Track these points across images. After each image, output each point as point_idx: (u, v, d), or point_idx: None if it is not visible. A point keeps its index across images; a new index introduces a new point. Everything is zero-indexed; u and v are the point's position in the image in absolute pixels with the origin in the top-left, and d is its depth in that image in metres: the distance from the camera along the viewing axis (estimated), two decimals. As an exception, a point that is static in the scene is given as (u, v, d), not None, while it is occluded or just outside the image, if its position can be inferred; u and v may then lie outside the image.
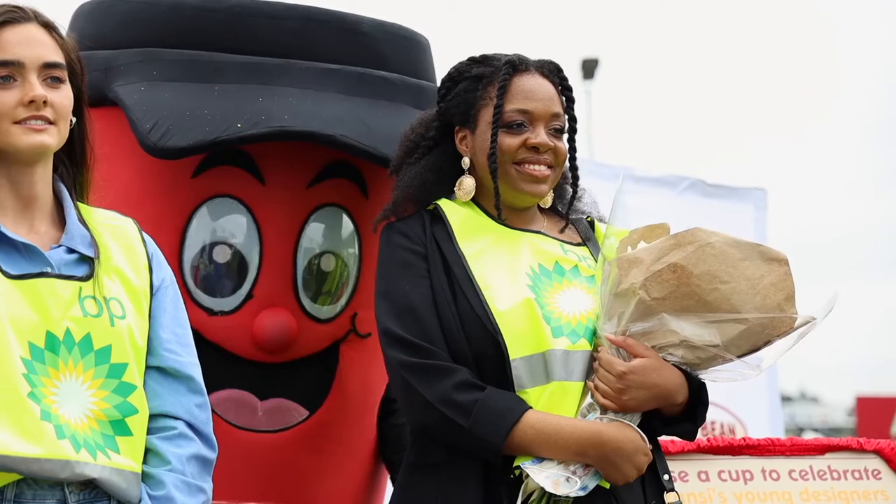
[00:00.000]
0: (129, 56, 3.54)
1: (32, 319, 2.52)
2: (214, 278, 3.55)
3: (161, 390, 2.66)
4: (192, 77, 3.50)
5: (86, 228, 2.67)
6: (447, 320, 2.94)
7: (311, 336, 3.58)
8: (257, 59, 3.54)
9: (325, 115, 3.44)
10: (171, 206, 3.51)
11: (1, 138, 2.58)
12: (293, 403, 3.57)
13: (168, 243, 3.43)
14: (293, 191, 3.56)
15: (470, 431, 2.85)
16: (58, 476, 2.48)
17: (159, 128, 3.35)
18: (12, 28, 2.60)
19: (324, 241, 3.62)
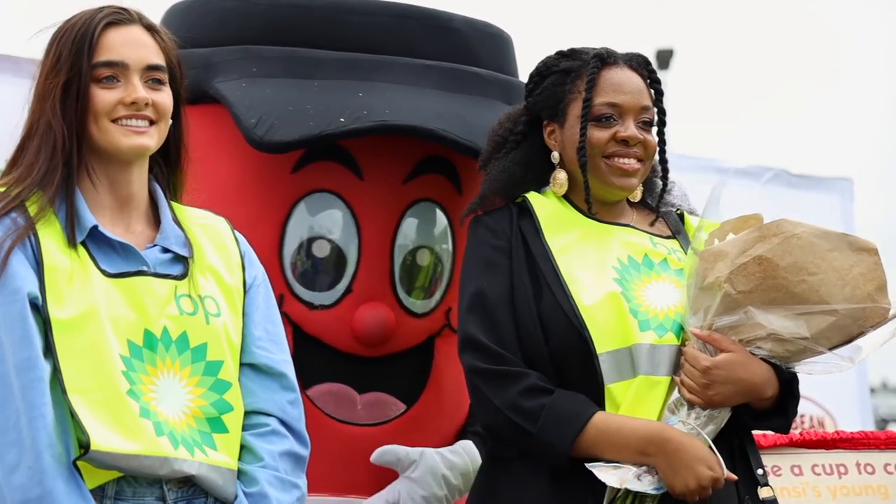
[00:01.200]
0: (228, 53, 3.58)
1: (131, 317, 2.56)
2: (313, 273, 3.59)
3: (254, 387, 2.68)
4: (292, 73, 3.54)
5: (180, 228, 2.71)
6: (524, 318, 2.95)
7: (408, 330, 3.61)
8: (354, 56, 3.58)
9: (425, 110, 3.48)
10: (271, 201, 3.55)
11: (101, 137, 2.62)
12: (391, 397, 3.60)
13: (268, 238, 3.49)
14: (390, 186, 3.59)
15: (537, 437, 2.87)
16: (156, 473, 2.51)
17: (264, 122, 3.39)
18: (117, 29, 2.65)
19: (419, 236, 3.65)
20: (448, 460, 3.50)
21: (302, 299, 3.57)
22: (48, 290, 2.51)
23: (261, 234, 3.39)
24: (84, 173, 2.63)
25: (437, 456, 3.50)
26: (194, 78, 3.34)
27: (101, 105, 2.61)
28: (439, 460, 3.49)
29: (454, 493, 3.51)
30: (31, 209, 2.56)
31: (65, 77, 2.60)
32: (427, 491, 3.47)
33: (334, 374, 3.57)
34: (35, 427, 2.43)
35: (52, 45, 2.65)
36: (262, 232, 3.47)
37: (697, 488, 2.83)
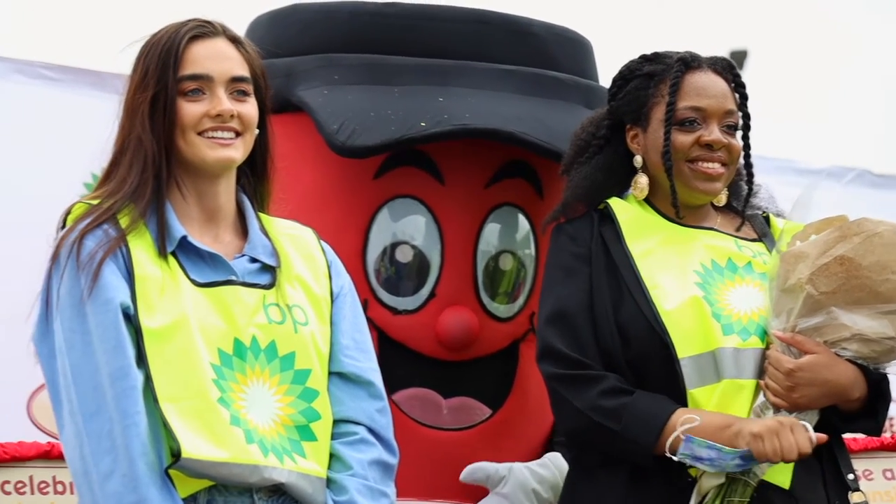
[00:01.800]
0: (310, 62, 3.63)
1: (220, 326, 2.59)
2: (397, 278, 3.61)
3: (342, 396, 2.70)
4: (373, 80, 3.58)
5: (267, 238, 2.73)
6: (603, 325, 2.95)
7: (492, 334, 3.63)
8: (434, 61, 3.61)
9: (505, 114, 3.50)
10: (354, 207, 3.58)
11: (188, 150, 2.65)
12: (476, 402, 3.61)
13: (352, 244, 3.52)
14: (472, 191, 3.61)
15: (621, 435, 2.87)
16: (247, 480, 2.53)
17: (346, 128, 3.42)
18: (201, 43, 2.68)
19: (501, 241, 3.67)
20: (537, 474, 3.51)
21: (386, 304, 3.59)
22: (139, 299, 2.54)
23: (344, 240, 3.42)
24: (173, 186, 2.66)
25: (527, 471, 3.51)
26: (278, 87, 3.38)
27: (187, 118, 2.64)
28: (528, 475, 3.50)
29: None
30: (122, 221, 2.60)
31: (152, 92, 2.64)
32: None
33: (419, 379, 3.59)
34: (129, 435, 2.46)
35: (139, 61, 2.69)
36: (346, 238, 3.50)
37: (775, 424, 2.81)
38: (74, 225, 2.61)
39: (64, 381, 2.53)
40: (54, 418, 4.12)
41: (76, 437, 2.51)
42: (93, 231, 2.58)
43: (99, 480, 2.47)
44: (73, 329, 2.54)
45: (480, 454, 3.61)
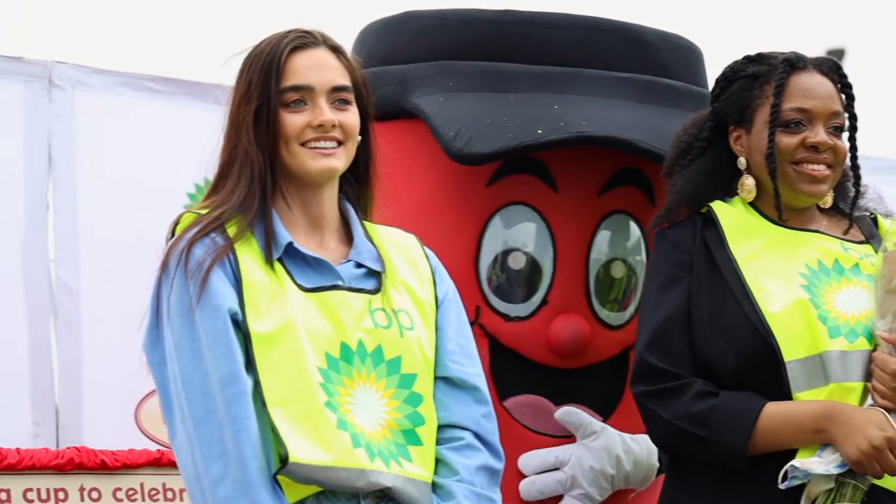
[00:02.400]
0: (425, 69, 3.64)
1: (327, 330, 2.60)
2: (509, 285, 3.62)
3: (448, 401, 2.70)
4: (487, 87, 3.59)
5: (372, 244, 2.75)
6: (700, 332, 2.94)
7: (603, 342, 3.62)
8: (549, 69, 3.61)
9: (620, 121, 3.49)
10: (467, 214, 3.59)
11: (292, 161, 2.67)
12: (587, 409, 3.61)
13: (464, 251, 3.54)
14: (585, 198, 3.61)
15: (711, 440, 2.85)
16: (354, 485, 2.54)
17: (463, 135, 3.44)
18: (302, 53, 2.69)
19: (612, 249, 3.66)
20: (626, 444, 3.50)
21: (498, 311, 3.60)
22: (247, 305, 2.57)
23: (457, 246, 3.44)
24: (279, 195, 2.68)
25: (618, 436, 3.50)
26: (391, 94, 3.41)
27: (290, 129, 2.66)
28: (618, 440, 3.50)
29: (622, 478, 3.50)
30: (230, 231, 2.63)
31: (255, 104, 2.66)
32: (598, 464, 3.47)
33: (531, 386, 3.59)
34: (239, 440, 2.49)
35: (243, 74, 2.71)
36: (459, 244, 3.52)
37: (871, 450, 2.78)
38: (183, 234, 2.64)
39: (175, 388, 2.57)
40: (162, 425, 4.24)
41: (187, 442, 2.54)
42: (201, 240, 2.61)
43: (210, 485, 2.49)
44: (183, 336, 2.57)
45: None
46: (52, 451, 3.45)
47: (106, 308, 4.32)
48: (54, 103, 4.38)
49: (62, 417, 4.21)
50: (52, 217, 4.38)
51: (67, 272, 4.34)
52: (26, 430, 4.09)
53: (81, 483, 3.37)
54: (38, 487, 3.32)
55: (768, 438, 2.84)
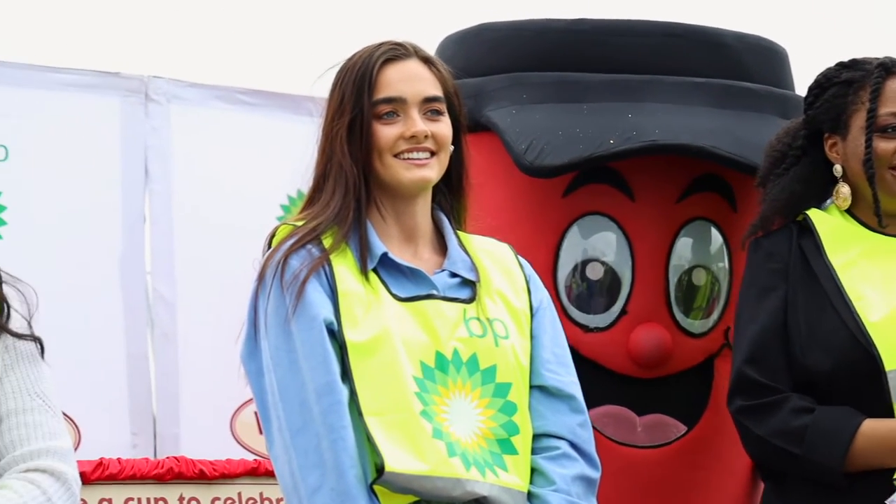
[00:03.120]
0: (498, 82, 3.65)
1: (422, 340, 2.61)
2: (588, 295, 3.61)
3: (543, 410, 2.69)
4: (561, 98, 3.59)
5: (466, 254, 2.75)
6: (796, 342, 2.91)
7: (685, 351, 3.60)
8: (623, 77, 3.60)
9: (695, 128, 3.47)
10: (544, 226, 3.60)
11: (385, 172, 2.68)
12: (671, 419, 3.59)
13: (542, 262, 3.52)
14: (663, 206, 3.60)
15: (806, 458, 2.82)
16: (449, 494, 2.54)
17: (534, 148, 3.44)
18: (394, 65, 2.70)
19: (694, 256, 3.64)
20: None
21: (577, 322, 3.59)
22: (343, 315, 2.58)
23: (535, 258, 3.42)
24: (373, 207, 2.70)
25: None
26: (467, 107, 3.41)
27: (383, 141, 2.67)
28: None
29: None
30: (325, 243, 2.64)
31: (349, 117, 2.67)
32: None
33: (612, 397, 3.58)
34: (336, 449, 2.50)
35: (335, 87, 2.73)
36: (536, 256, 3.50)
37: None
38: (279, 246, 2.66)
39: (272, 398, 2.58)
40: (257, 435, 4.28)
41: (285, 452, 2.55)
42: (297, 251, 2.63)
43: (308, 495, 2.51)
44: (280, 347, 2.58)
45: (676, 472, 3.58)
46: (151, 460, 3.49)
47: (201, 319, 4.37)
48: (150, 117, 4.44)
49: (159, 427, 4.27)
50: (149, 230, 4.44)
51: (164, 284, 4.40)
52: (125, 440, 4.15)
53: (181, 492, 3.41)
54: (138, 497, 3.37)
55: (865, 458, 2.81)
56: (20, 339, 2.42)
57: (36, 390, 2.41)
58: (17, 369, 2.41)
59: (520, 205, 3.62)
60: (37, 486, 2.30)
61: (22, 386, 2.40)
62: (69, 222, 4.28)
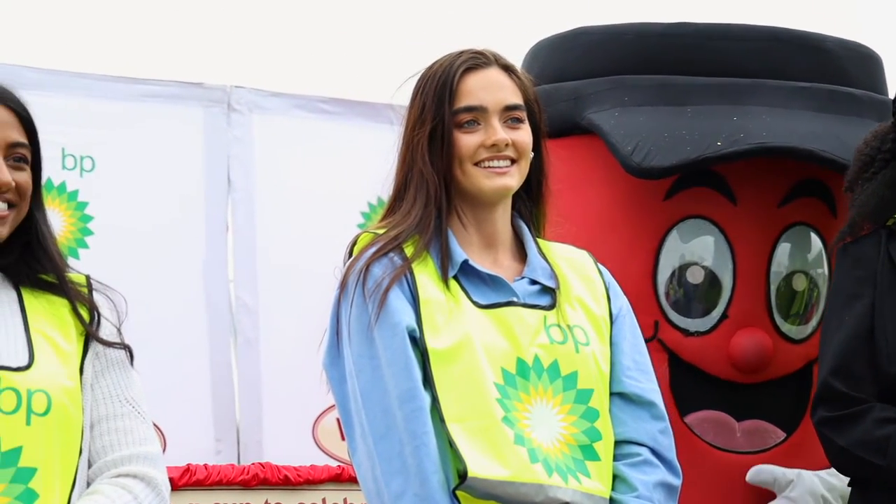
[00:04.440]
0: (599, 84, 3.65)
1: (503, 346, 2.62)
2: (688, 299, 3.61)
3: (624, 417, 2.69)
4: (664, 101, 3.58)
5: (545, 261, 2.75)
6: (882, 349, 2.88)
7: (785, 356, 3.59)
8: (726, 80, 3.59)
9: (801, 132, 3.46)
10: (644, 229, 3.60)
11: (465, 180, 2.69)
12: (770, 425, 3.57)
13: (641, 266, 3.54)
14: (764, 210, 3.59)
15: (888, 469, 2.80)
16: (532, 500, 2.55)
17: (641, 150, 3.44)
18: (475, 74, 2.71)
19: (793, 261, 3.63)
20: (827, 482, 3.45)
21: (677, 326, 3.59)
22: (425, 322, 2.60)
23: (634, 261, 3.44)
24: (453, 215, 2.71)
25: (815, 478, 3.45)
26: (565, 110, 3.42)
27: (464, 150, 2.68)
28: (818, 481, 3.44)
29: None
30: (407, 251, 2.66)
31: (430, 126, 2.68)
32: None
33: (712, 401, 3.57)
34: (419, 455, 2.52)
35: (416, 95, 2.74)
36: (636, 259, 3.52)
37: None
38: (361, 254, 2.68)
39: (354, 405, 2.61)
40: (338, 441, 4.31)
41: (368, 458, 2.58)
42: (379, 259, 2.65)
43: (391, 500, 2.53)
44: (362, 354, 2.61)
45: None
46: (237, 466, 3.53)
47: (283, 326, 4.42)
48: (233, 127, 4.50)
49: (242, 434, 4.31)
50: (232, 238, 4.49)
51: (246, 292, 4.44)
52: (209, 446, 4.20)
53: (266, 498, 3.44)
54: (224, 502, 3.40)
55: None
56: (109, 346, 2.46)
57: (126, 396, 2.45)
58: (107, 376, 2.45)
59: (620, 208, 3.61)
60: (128, 490, 2.35)
61: (112, 392, 2.44)
62: (154, 231, 4.34)
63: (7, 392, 2.30)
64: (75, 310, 2.45)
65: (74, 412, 2.36)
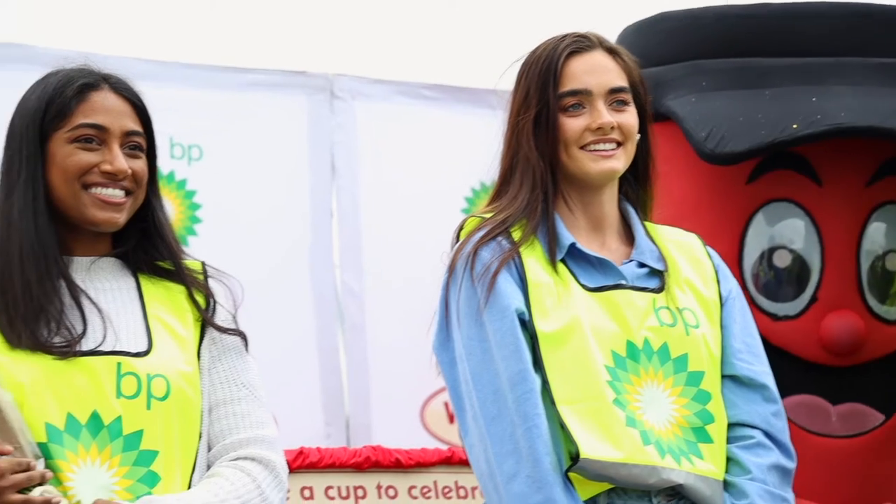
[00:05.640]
0: (677, 70, 3.65)
1: (613, 329, 2.62)
2: (776, 283, 3.58)
3: (736, 399, 2.68)
4: (741, 84, 3.56)
5: (653, 244, 2.75)
6: None
7: (880, 338, 3.55)
8: (806, 60, 3.56)
9: (883, 110, 3.43)
10: (727, 214, 3.58)
11: (572, 164, 2.69)
12: (867, 408, 3.55)
13: (727, 251, 3.51)
14: (851, 190, 3.55)
15: None
16: (645, 481, 2.55)
17: (715, 135, 3.43)
18: (580, 57, 2.72)
19: (887, 241, 3.58)
20: None
21: (765, 311, 3.57)
22: (533, 305, 2.61)
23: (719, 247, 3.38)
24: (560, 198, 2.71)
25: None
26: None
27: (569, 134, 2.68)
28: None
29: None
30: (514, 235, 2.67)
31: (534, 110, 2.69)
32: None
33: (804, 386, 3.55)
34: (531, 437, 2.53)
35: (521, 80, 2.75)
36: (721, 245, 3.47)
37: None
38: (468, 238, 2.69)
39: (465, 388, 2.62)
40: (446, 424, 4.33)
41: (480, 440, 2.59)
42: (487, 243, 2.66)
43: (504, 482, 2.54)
44: (472, 337, 2.62)
45: (873, 462, 3.53)
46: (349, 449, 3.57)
47: (389, 311, 4.45)
48: (336, 114, 4.54)
49: (351, 418, 4.35)
50: (336, 224, 4.53)
51: (352, 277, 4.49)
52: (319, 430, 4.25)
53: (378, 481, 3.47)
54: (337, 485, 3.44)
55: None
56: (225, 333, 2.50)
57: (243, 381, 2.49)
58: (224, 361, 2.49)
59: (702, 193, 3.60)
60: (247, 473, 2.38)
61: (229, 377, 2.48)
62: (260, 219, 4.40)
63: (128, 377, 2.34)
64: (191, 296, 2.49)
65: (193, 396, 2.40)
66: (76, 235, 2.44)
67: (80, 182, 2.40)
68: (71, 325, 2.35)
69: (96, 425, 2.30)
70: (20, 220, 2.38)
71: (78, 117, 2.41)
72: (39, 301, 2.34)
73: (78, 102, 2.42)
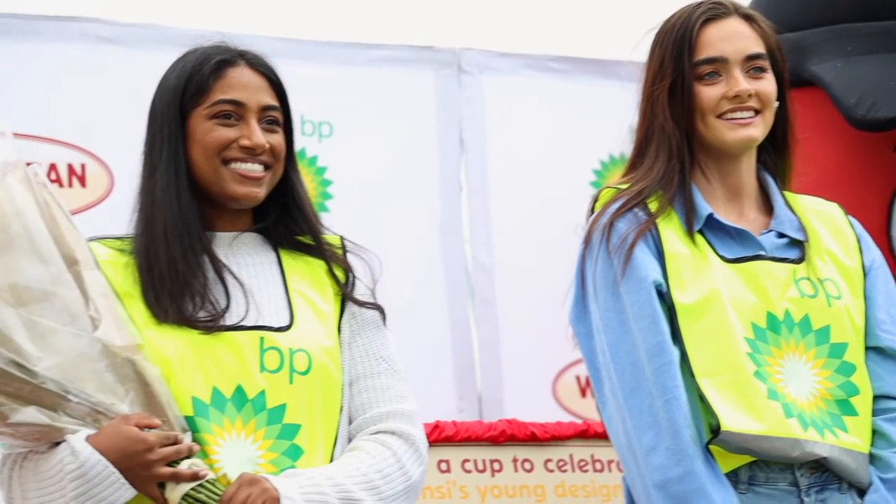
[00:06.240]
0: (820, 35, 3.58)
1: (752, 301, 2.59)
2: None
3: (880, 371, 2.63)
4: (889, 48, 3.49)
5: (793, 213, 2.71)
6: None
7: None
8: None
9: None
10: (874, 182, 3.53)
11: (708, 133, 2.66)
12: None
13: (874, 220, 3.46)
14: None
15: None
16: (788, 454, 2.52)
17: (865, 101, 3.36)
18: (715, 24, 2.68)
19: None
20: None
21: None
22: (671, 276, 2.59)
23: (866, 215, 3.33)
24: (696, 168, 2.69)
25: None
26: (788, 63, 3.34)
27: (706, 102, 2.65)
28: None
29: None
30: (651, 206, 2.65)
31: (670, 79, 2.66)
32: None
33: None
34: (670, 409, 2.51)
35: (655, 49, 2.72)
36: (868, 214, 3.42)
37: None
38: (604, 210, 2.68)
39: (603, 360, 2.61)
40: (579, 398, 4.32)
41: (618, 412, 2.58)
42: (623, 215, 2.64)
43: (643, 454, 2.53)
44: (609, 309, 2.61)
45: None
46: (484, 423, 3.57)
47: (519, 285, 4.44)
48: (464, 88, 4.53)
49: (483, 393, 4.36)
50: (466, 198, 4.53)
51: (482, 251, 4.48)
52: (451, 405, 4.26)
53: (514, 455, 3.48)
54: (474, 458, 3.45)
55: None
56: (364, 307, 2.51)
57: (382, 354, 2.50)
58: (363, 334, 2.50)
59: (849, 161, 3.54)
60: (387, 447, 2.39)
61: (369, 350, 2.49)
62: (390, 194, 4.41)
63: (271, 351, 2.36)
64: (331, 271, 2.50)
65: (334, 370, 2.41)
66: (218, 211, 2.47)
67: (220, 157, 2.43)
68: (215, 300, 2.38)
69: (241, 399, 2.33)
70: (164, 197, 2.40)
71: (216, 94, 2.43)
72: (184, 276, 2.37)
73: (216, 79, 2.44)
